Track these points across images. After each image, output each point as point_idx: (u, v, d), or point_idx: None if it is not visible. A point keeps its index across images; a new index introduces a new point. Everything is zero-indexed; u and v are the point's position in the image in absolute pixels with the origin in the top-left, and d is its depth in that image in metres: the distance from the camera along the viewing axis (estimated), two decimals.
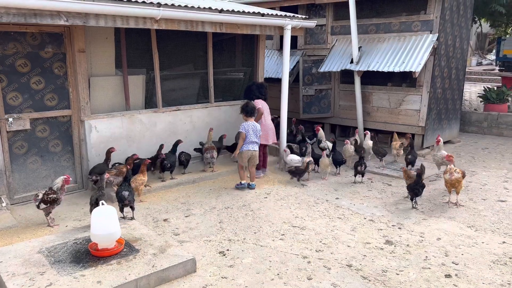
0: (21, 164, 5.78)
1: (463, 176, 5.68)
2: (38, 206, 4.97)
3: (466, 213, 5.58)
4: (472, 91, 15.46)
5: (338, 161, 7.25)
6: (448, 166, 5.69)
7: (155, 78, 6.87)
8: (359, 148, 7.60)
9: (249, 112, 6.54)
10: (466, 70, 11.21)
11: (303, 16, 7.73)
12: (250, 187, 6.57)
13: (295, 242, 4.71)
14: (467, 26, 9.29)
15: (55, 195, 4.95)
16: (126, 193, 4.97)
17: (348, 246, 4.63)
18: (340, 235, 4.90)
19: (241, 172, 6.60)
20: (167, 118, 7.05)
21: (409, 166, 7.20)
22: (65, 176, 5.16)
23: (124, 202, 4.96)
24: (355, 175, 6.82)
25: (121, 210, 5.02)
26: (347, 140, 7.74)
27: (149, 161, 6.13)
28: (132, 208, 5.08)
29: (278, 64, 10.36)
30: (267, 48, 10.70)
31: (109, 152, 6.06)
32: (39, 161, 5.94)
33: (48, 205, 4.95)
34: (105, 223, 3.95)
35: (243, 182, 6.56)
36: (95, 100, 6.30)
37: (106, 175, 5.25)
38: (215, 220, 5.32)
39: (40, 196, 4.94)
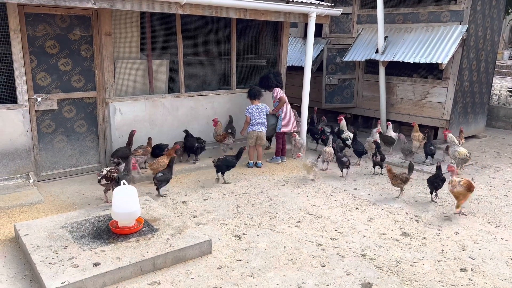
0: (48, 143, 5.99)
1: (469, 188, 5.06)
2: (99, 181, 5.11)
3: (487, 209, 5.48)
4: (502, 86, 14.98)
5: (358, 152, 7.22)
6: (451, 177, 5.16)
7: (178, 63, 6.94)
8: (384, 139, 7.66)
9: (253, 95, 6.97)
10: (497, 63, 10.88)
11: (329, 4, 7.64)
12: (257, 165, 7.03)
13: (311, 229, 4.75)
14: (499, 17, 8.99)
15: (117, 174, 5.13)
16: (159, 174, 5.48)
17: (364, 236, 4.64)
18: (356, 225, 4.90)
19: (250, 152, 7.00)
20: (189, 103, 7.14)
21: (429, 157, 7.26)
22: (133, 160, 5.48)
23: (154, 181, 5.50)
24: (373, 166, 6.77)
25: (157, 189, 5.56)
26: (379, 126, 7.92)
27: (178, 146, 6.30)
28: (158, 188, 5.48)
29: (302, 52, 10.30)
30: (291, 36, 10.63)
31: (131, 134, 6.21)
32: (65, 140, 6.13)
33: (109, 182, 5.11)
34: (126, 202, 4.07)
35: (250, 162, 7.02)
36: (120, 83, 6.43)
37: (133, 160, 5.48)
38: (232, 204, 5.40)
39: (104, 172, 5.13)
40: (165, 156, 5.95)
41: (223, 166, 6.08)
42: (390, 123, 8.04)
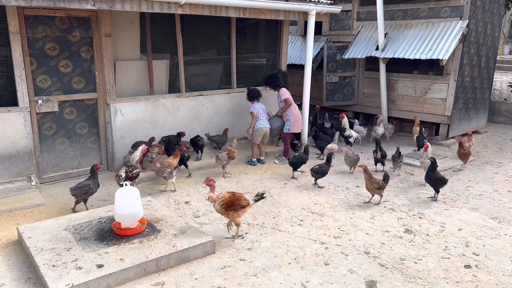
0: (49, 145, 5.99)
1: (229, 207, 4.18)
2: (122, 186, 5.07)
3: (490, 205, 5.47)
4: (503, 81, 14.89)
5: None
6: (210, 194, 4.29)
7: (178, 63, 6.93)
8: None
9: (254, 96, 7.03)
10: (498, 58, 10.83)
11: (329, 1, 7.61)
12: (261, 162, 7.10)
13: (313, 228, 4.74)
14: (499, 12, 8.96)
15: (138, 170, 5.10)
16: (316, 167, 5.98)
17: (367, 233, 4.63)
18: (359, 223, 4.89)
19: (254, 150, 7.03)
20: (190, 103, 7.13)
21: (420, 150, 7.43)
22: (143, 146, 5.56)
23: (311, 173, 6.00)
24: (375, 164, 6.76)
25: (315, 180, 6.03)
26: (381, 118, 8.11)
27: (184, 148, 6.21)
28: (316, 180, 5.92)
29: (302, 50, 10.28)
30: (290, 34, 10.60)
31: (151, 140, 6.38)
32: (67, 142, 6.13)
33: (133, 180, 5.09)
34: (128, 203, 4.06)
35: (254, 159, 7.05)
36: (120, 84, 6.43)
37: (144, 147, 5.63)
38: None
39: (124, 175, 5.09)
40: (171, 157, 5.92)
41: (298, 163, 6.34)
42: (380, 116, 8.25)
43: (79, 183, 4.97)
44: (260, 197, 4.41)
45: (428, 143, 6.38)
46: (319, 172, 5.91)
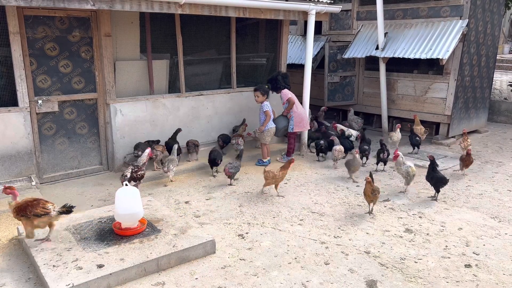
0: (49, 145, 5.99)
1: (20, 210, 3.73)
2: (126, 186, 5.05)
3: (490, 204, 5.47)
4: (503, 80, 14.94)
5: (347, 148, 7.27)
6: (13, 201, 3.80)
7: (178, 63, 6.93)
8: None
9: (266, 92, 6.95)
10: (498, 57, 10.84)
11: (328, 1, 7.60)
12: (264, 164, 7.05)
13: (314, 227, 4.74)
14: (499, 11, 8.96)
15: (143, 172, 5.09)
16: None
17: (367, 233, 4.63)
18: (359, 222, 4.89)
19: (264, 150, 6.94)
20: (190, 102, 7.13)
21: (415, 148, 7.60)
22: (148, 150, 5.55)
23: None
24: (377, 163, 6.76)
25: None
26: (399, 125, 7.91)
27: (294, 160, 6.06)
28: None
29: (302, 50, 10.27)
30: (290, 34, 10.59)
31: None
32: (67, 142, 6.13)
33: (138, 182, 5.09)
34: (128, 203, 4.06)
35: (265, 160, 6.94)
36: (120, 84, 6.42)
37: (150, 151, 5.58)
38: (235, 203, 5.39)
39: (129, 174, 5.09)
40: (279, 169, 5.67)
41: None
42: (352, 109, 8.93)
43: (232, 163, 5.87)
44: (67, 209, 3.87)
45: (398, 152, 5.75)
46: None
